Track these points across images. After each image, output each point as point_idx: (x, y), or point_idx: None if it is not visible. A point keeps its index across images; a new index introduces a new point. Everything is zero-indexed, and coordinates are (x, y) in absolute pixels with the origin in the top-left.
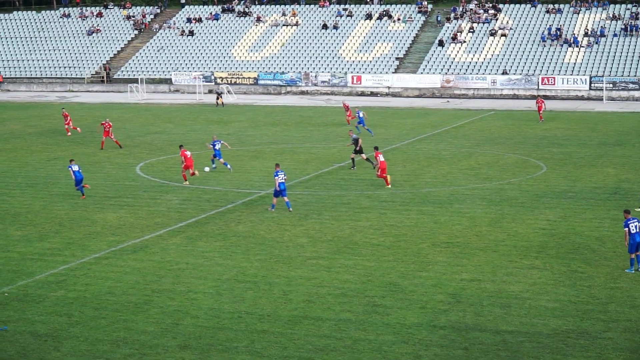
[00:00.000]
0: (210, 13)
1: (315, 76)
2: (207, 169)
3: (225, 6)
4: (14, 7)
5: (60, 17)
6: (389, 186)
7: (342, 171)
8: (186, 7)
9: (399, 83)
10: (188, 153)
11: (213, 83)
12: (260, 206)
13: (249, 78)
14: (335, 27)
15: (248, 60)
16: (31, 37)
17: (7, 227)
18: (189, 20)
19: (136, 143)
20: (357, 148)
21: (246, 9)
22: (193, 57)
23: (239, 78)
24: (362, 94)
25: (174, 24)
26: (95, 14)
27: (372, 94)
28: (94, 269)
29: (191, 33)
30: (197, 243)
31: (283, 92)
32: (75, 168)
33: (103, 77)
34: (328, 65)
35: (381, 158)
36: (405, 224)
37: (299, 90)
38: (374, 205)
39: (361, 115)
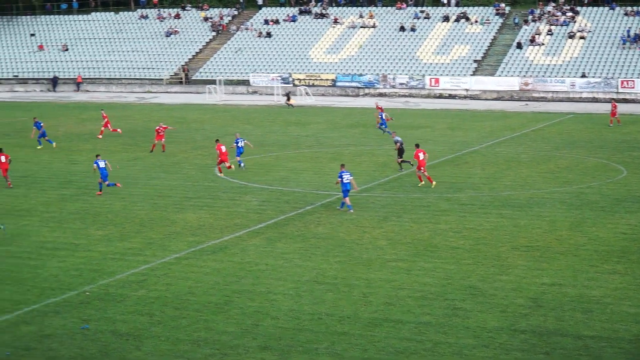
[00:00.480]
0: (288, 15)
1: (393, 78)
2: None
3: (302, 8)
4: (92, 8)
5: (138, 19)
6: (433, 184)
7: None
8: (263, 8)
9: (477, 85)
10: (223, 148)
11: (291, 85)
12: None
13: (327, 80)
14: (413, 29)
15: (325, 62)
16: (109, 39)
17: (88, 226)
18: (266, 22)
19: (214, 144)
20: (398, 149)
21: (323, 11)
22: (270, 58)
23: (316, 80)
24: (440, 96)
25: (251, 25)
26: (173, 15)
27: (450, 96)
28: (174, 269)
29: (268, 35)
30: (277, 244)
31: (361, 94)
32: (102, 164)
33: (181, 79)
34: (405, 67)
35: (421, 157)
36: (485, 227)
37: (377, 92)
38: (453, 208)
39: (384, 116)
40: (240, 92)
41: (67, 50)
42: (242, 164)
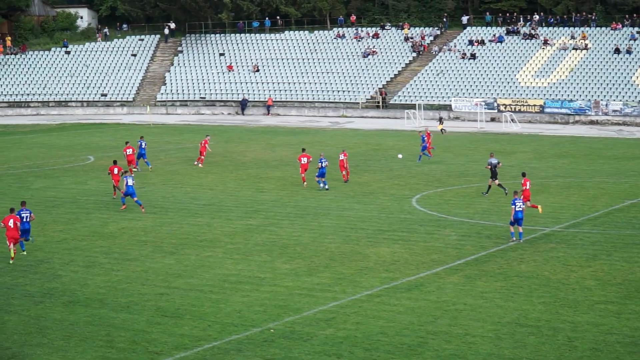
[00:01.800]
0: (494, 35)
1: (606, 105)
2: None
3: (509, 28)
4: (286, 27)
5: (334, 38)
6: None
7: (634, 208)
8: (468, 28)
9: None
10: (304, 159)
11: (495, 110)
12: (544, 244)
13: (534, 105)
14: (629, 52)
15: (533, 86)
16: (303, 59)
17: (275, 259)
18: (470, 42)
19: (412, 173)
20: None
21: (532, 31)
22: (474, 82)
23: (523, 105)
24: None
25: (455, 46)
26: (371, 34)
27: None
28: (365, 306)
29: (473, 56)
30: (476, 282)
31: (571, 121)
32: (130, 182)
33: (378, 102)
34: (620, 92)
35: (527, 186)
36: None
37: (588, 119)
38: None
39: (425, 139)
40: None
41: (257, 71)
42: (322, 185)
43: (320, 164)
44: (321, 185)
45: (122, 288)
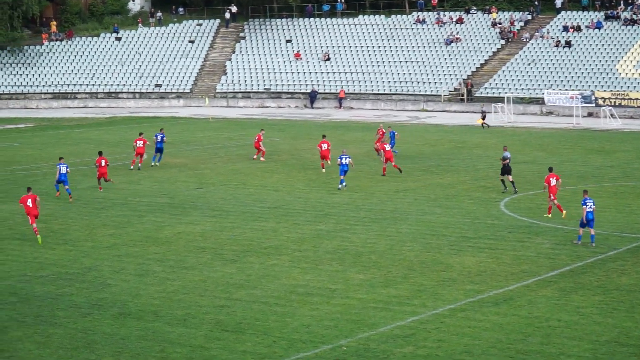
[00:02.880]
0: (591, 20)
1: None
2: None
3: (609, 12)
4: (360, 10)
5: (414, 23)
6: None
7: None
8: (562, 13)
9: None
10: (325, 145)
11: (593, 104)
12: None
13: (637, 99)
14: None
15: (635, 78)
16: (379, 46)
17: (347, 269)
18: (565, 28)
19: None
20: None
21: (634, 16)
22: (570, 72)
23: (624, 99)
24: None
25: (547, 33)
26: (454, 19)
27: None
28: (447, 322)
29: (568, 44)
30: (572, 296)
31: None
32: (63, 170)
33: (463, 95)
34: None
35: (553, 182)
36: None
37: None
38: None
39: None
40: (532, 113)
41: (328, 59)
42: (341, 185)
43: (340, 160)
44: (340, 185)
45: (178, 299)
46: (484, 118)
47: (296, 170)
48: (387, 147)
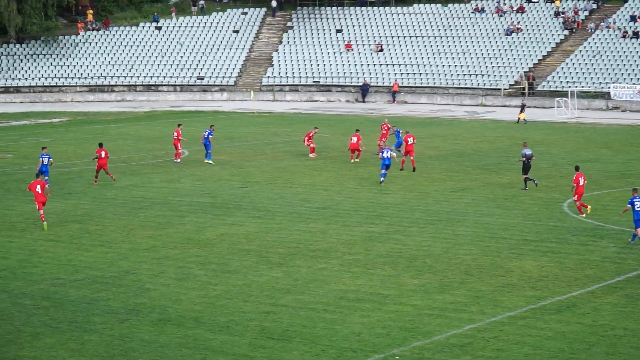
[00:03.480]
0: None
1: None
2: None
3: None
4: None
5: (472, 12)
6: (583, 215)
7: None
8: (629, 1)
9: None
10: (354, 139)
11: None
12: None
13: None
14: None
15: None
16: (435, 37)
17: (401, 273)
18: (633, 18)
19: (563, 173)
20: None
21: None
22: (638, 65)
23: None
24: None
25: (614, 23)
26: (515, 8)
27: None
28: (507, 330)
29: (636, 35)
30: (639, 303)
31: None
32: (45, 161)
33: (524, 89)
34: None
35: (581, 182)
36: None
37: None
38: None
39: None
40: (598, 108)
41: (381, 50)
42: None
43: (382, 154)
44: (381, 179)
45: (220, 305)
46: (522, 111)
47: (346, 168)
48: (410, 140)
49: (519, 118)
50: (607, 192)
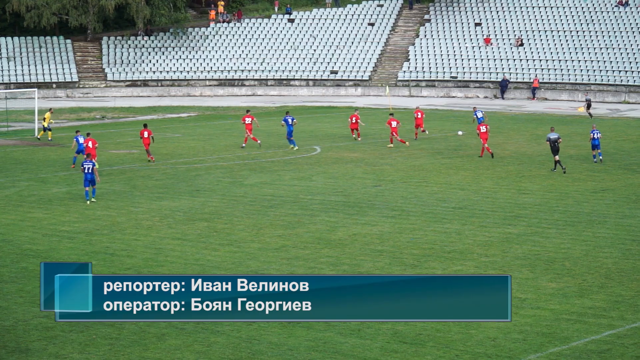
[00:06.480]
0: None
1: None
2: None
3: None
4: None
5: (616, 6)
6: None
7: None
8: None
9: None
10: (394, 123)
11: None
12: None
13: None
14: None
15: None
16: (577, 31)
17: (539, 276)
18: None
19: None
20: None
21: None
22: None
23: None
24: None
25: None
26: None
27: None
28: None
29: None
30: None
31: None
32: (81, 140)
33: None
34: None
35: None
36: None
37: None
38: None
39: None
40: None
41: (522, 45)
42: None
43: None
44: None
45: None
46: (588, 107)
47: (484, 167)
48: (483, 128)
49: (588, 113)
50: None
